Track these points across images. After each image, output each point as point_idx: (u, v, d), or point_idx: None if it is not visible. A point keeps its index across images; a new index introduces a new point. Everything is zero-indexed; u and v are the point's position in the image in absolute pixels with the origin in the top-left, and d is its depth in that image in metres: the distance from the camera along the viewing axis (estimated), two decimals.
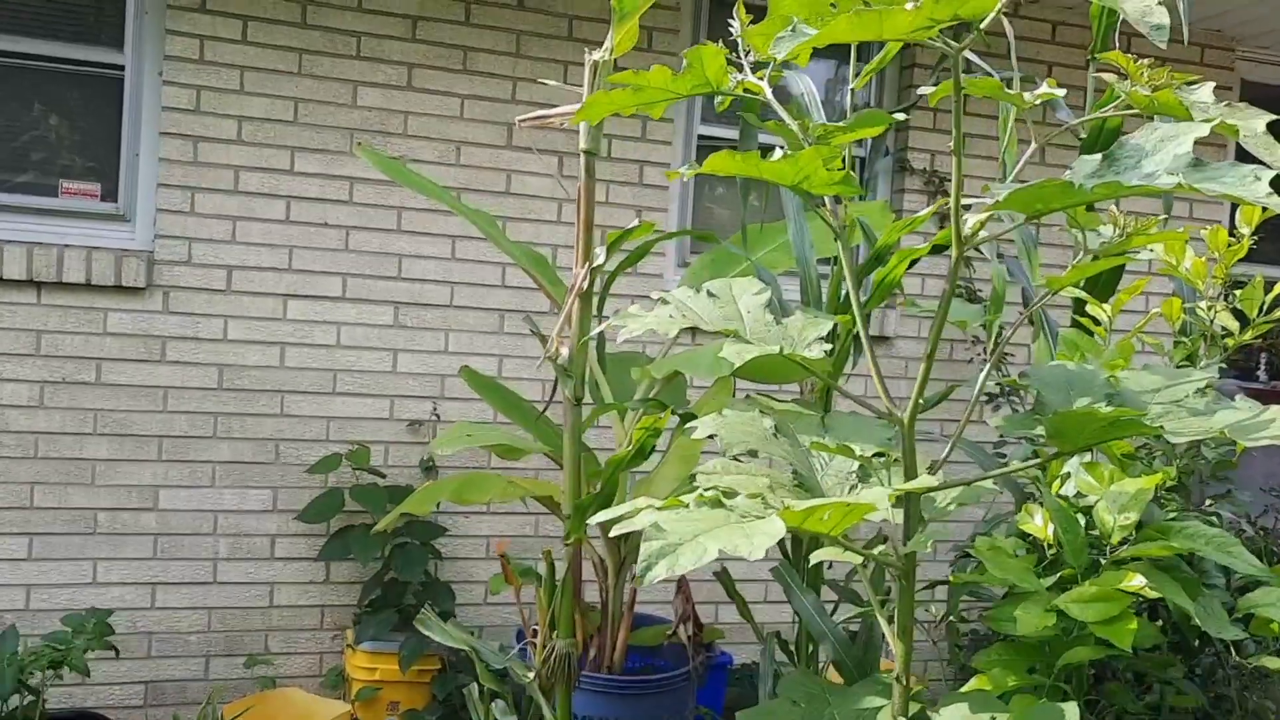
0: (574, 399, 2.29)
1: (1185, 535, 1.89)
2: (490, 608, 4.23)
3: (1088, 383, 1.83)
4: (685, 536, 1.36)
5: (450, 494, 2.93)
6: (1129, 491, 1.95)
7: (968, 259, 4.69)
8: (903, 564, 1.75)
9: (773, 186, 3.03)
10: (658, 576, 1.29)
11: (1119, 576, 1.78)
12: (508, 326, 4.23)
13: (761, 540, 1.31)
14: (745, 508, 1.53)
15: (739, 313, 1.92)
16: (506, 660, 2.35)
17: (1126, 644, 1.69)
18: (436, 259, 4.14)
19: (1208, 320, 2.29)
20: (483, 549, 4.23)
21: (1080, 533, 1.91)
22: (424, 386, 4.15)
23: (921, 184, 4.62)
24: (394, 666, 3.70)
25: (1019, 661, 1.98)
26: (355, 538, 3.78)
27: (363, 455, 3.90)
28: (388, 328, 4.11)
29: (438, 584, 3.92)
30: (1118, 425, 1.61)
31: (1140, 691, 2.35)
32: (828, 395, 2.77)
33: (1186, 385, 1.76)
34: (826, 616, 2.41)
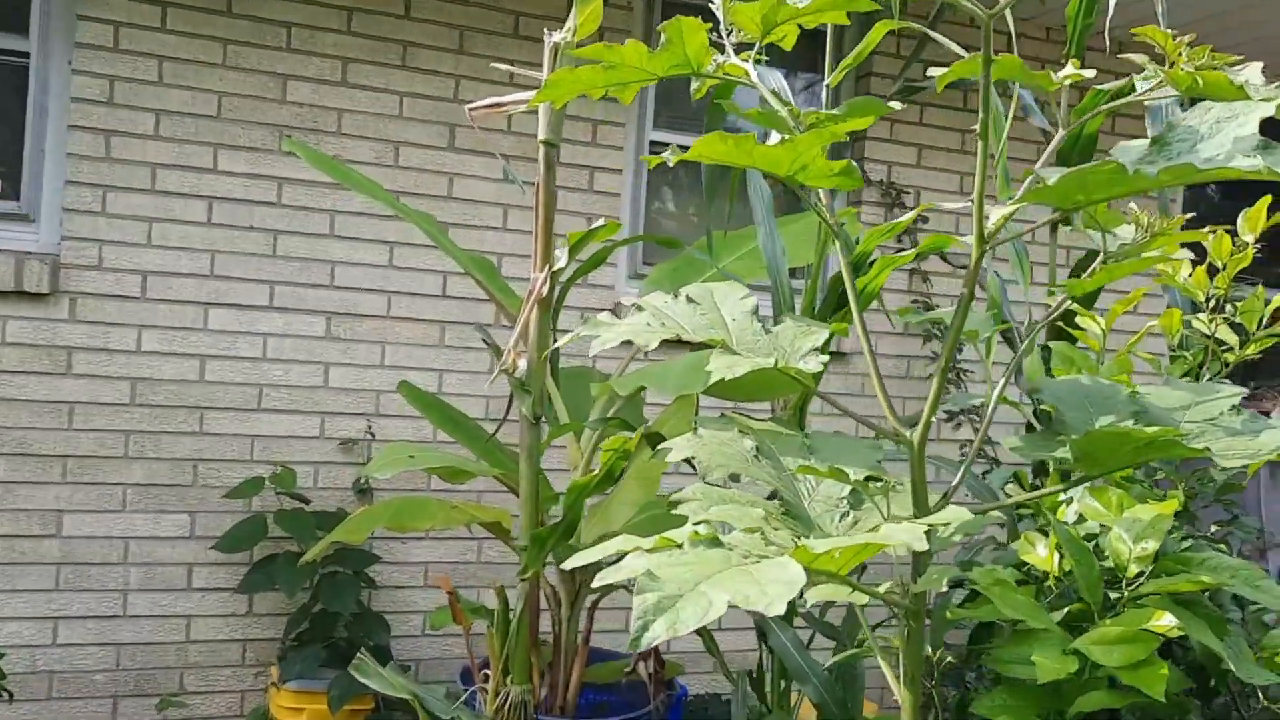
0: (532, 417, 2.06)
1: (1208, 568, 1.73)
2: (429, 639, 3.96)
3: (1108, 399, 1.66)
4: (684, 586, 1.14)
5: (387, 520, 2.67)
6: (1144, 519, 1.78)
7: (924, 273, 4.56)
8: (912, 603, 1.56)
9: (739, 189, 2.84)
10: (657, 638, 1.07)
11: (1144, 615, 1.61)
12: (449, 339, 3.98)
13: (778, 591, 1.09)
14: (746, 546, 1.32)
15: (723, 320, 1.72)
16: (454, 710, 2.10)
17: (1158, 691, 1.51)
18: (372, 266, 3.88)
19: (1208, 333, 2.14)
20: (420, 576, 3.96)
21: (1094, 565, 1.74)
22: (358, 403, 3.88)
23: (879, 195, 4.47)
24: (323, 706, 3.41)
25: (1026, 708, 1.80)
26: (280, 567, 3.48)
27: (288, 478, 3.61)
28: (319, 339, 3.83)
29: (371, 615, 3.64)
30: (1155, 447, 1.43)
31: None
32: (802, 413, 2.58)
33: (1219, 402, 1.60)
34: (806, 653, 2.20)
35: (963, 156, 4.64)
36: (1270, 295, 2.19)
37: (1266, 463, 1.54)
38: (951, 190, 4.64)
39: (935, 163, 4.61)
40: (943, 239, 2.32)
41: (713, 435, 1.94)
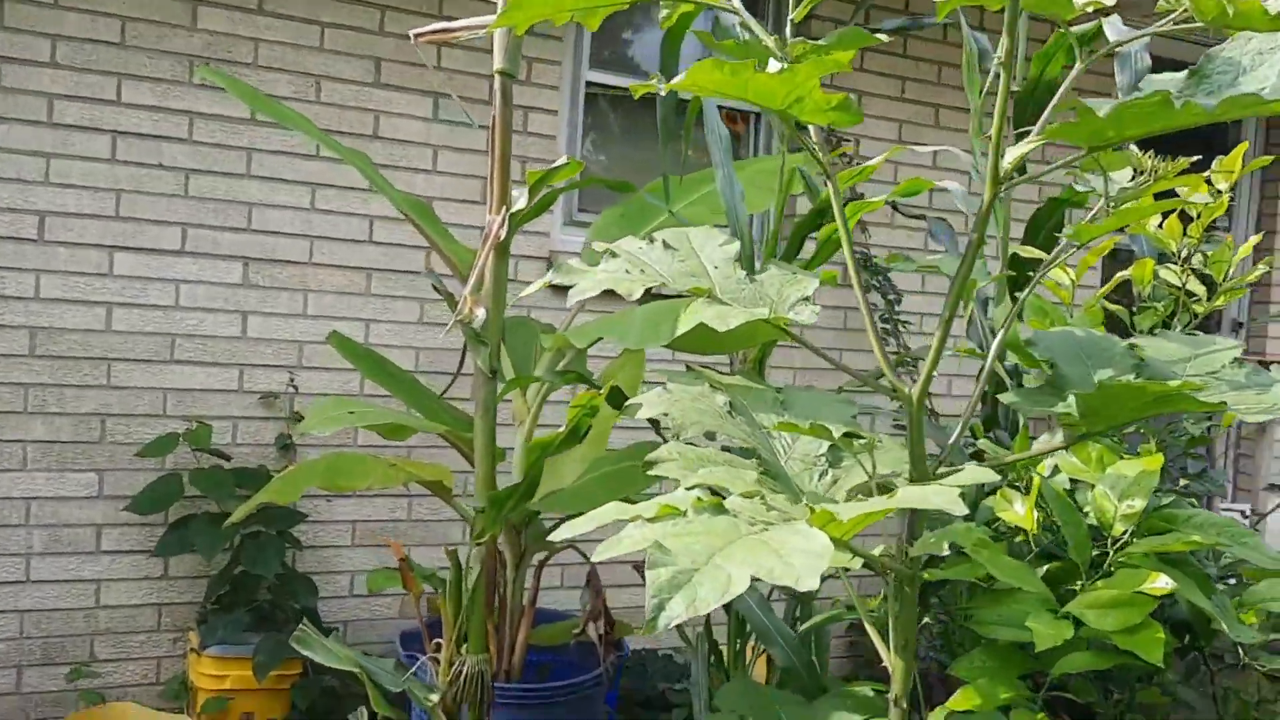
0: (488, 371, 1.92)
1: (1195, 525, 1.69)
2: (358, 600, 3.81)
3: (1104, 352, 1.59)
4: (697, 559, 1.03)
5: (320, 479, 2.51)
6: (1129, 475, 1.73)
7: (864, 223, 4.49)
8: (908, 567, 1.48)
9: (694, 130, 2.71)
10: (676, 617, 0.96)
11: (1138, 577, 1.56)
12: (376, 287, 3.78)
13: (806, 563, 0.99)
14: (749, 512, 1.21)
15: (703, 268, 1.60)
16: (404, 682, 1.97)
17: (1157, 656, 1.46)
18: (293, 209, 3.65)
19: (1178, 284, 2.10)
20: (347, 535, 3.79)
21: (1082, 524, 1.68)
22: (279, 354, 3.66)
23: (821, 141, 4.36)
24: (247, 673, 3.24)
25: (1006, 669, 1.74)
26: (198, 528, 3.28)
27: (204, 434, 3.40)
28: (236, 286, 3.59)
29: (296, 577, 3.46)
30: (1164, 401, 1.37)
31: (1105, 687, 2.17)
32: (761, 367, 2.48)
33: (1219, 354, 1.54)
34: (772, 614, 2.13)
35: (902, 104, 4.58)
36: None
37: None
38: (890, 138, 4.58)
39: (873, 109, 4.53)
40: (920, 182, 2.23)
41: (683, 391, 1.83)
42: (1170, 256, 2.12)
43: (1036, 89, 2.83)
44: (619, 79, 4.20)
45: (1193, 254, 2.11)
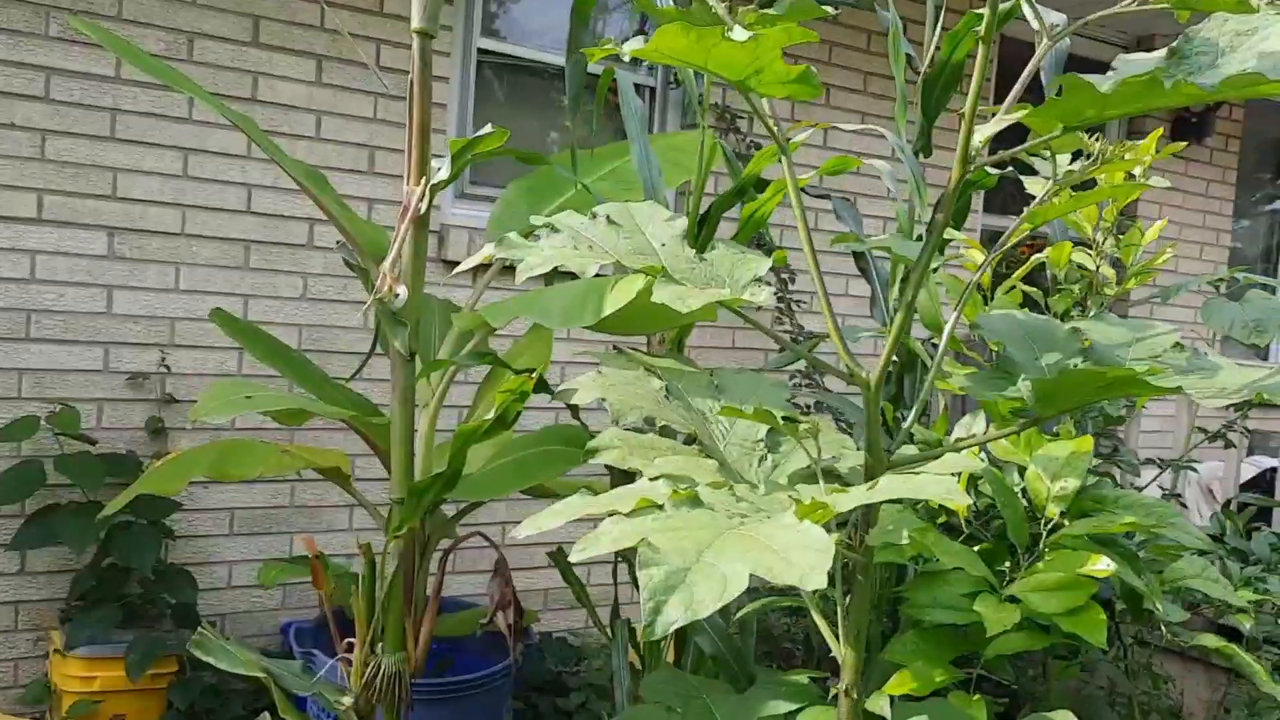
0: (407, 353, 1.79)
1: (1124, 506, 1.72)
2: (236, 592, 3.60)
3: (1048, 335, 1.59)
4: (688, 557, 0.96)
5: (208, 468, 2.33)
6: (1060, 456, 1.75)
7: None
8: (864, 555, 1.44)
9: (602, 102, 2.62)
10: (674, 622, 0.89)
11: (1077, 559, 1.57)
12: (255, 260, 3.56)
13: (808, 560, 0.93)
14: (724, 504, 1.15)
15: (651, 245, 1.52)
16: (314, 685, 1.84)
17: (1100, 638, 1.48)
18: (163, 176, 3.39)
19: (1092, 268, 2.14)
20: (225, 523, 3.58)
21: (1020, 506, 1.69)
22: (149, 331, 3.41)
23: (714, 119, 4.34)
24: (119, 673, 3.02)
25: (940, 653, 1.74)
26: (65, 520, 3.04)
27: (70, 418, 3.14)
28: (99, 258, 3.33)
29: (173, 570, 3.25)
30: (1117, 386, 1.37)
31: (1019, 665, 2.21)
32: (680, 348, 2.43)
33: (1160, 339, 1.56)
34: None
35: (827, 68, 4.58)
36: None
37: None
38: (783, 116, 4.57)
39: None
40: (847, 160, 2.20)
41: (618, 375, 1.75)
42: (1085, 240, 2.16)
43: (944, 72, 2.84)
44: (508, 46, 4.06)
45: (1106, 238, 2.15)
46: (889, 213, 4.83)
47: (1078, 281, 2.17)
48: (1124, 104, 1.10)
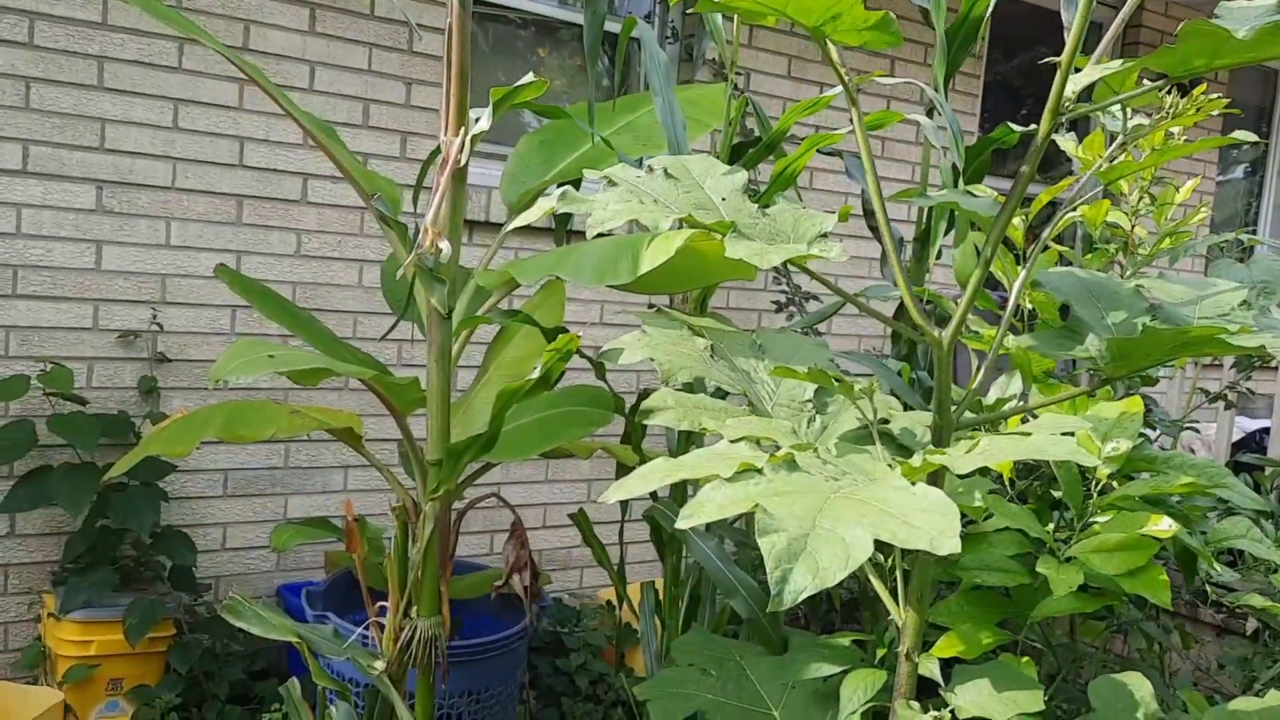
0: (444, 311, 1.73)
1: (1176, 466, 1.70)
2: (230, 554, 3.54)
3: (1113, 294, 1.56)
4: (804, 524, 0.92)
5: (218, 429, 2.25)
6: (1109, 417, 1.72)
7: None
8: None
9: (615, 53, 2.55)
10: (801, 590, 0.86)
11: (1140, 519, 1.55)
12: (247, 216, 3.46)
13: (935, 524, 0.90)
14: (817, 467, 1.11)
15: (711, 200, 1.47)
16: (347, 649, 1.79)
17: (1164, 598, 1.46)
18: (153, 127, 3.27)
19: (1128, 226, 2.11)
20: (219, 485, 3.50)
21: (1074, 468, 1.67)
22: (139, 288, 3.31)
23: (711, 75, 4.26)
24: (117, 637, 2.96)
25: (987, 615, 1.73)
26: (59, 481, 2.95)
27: (64, 377, 3.04)
28: (88, 212, 3.21)
29: (170, 532, 3.18)
30: (1197, 344, 1.34)
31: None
32: (703, 309, 2.38)
33: (1226, 296, 1.54)
34: (731, 564, 2.05)
35: (790, 39, 4.51)
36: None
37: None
38: (779, 73, 4.52)
39: (765, 44, 4.45)
40: (889, 115, 2.15)
41: (662, 334, 1.71)
42: (1121, 199, 2.13)
43: (964, 25, 2.79)
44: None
45: (1141, 197, 2.12)
46: (886, 174, 4.80)
47: (1110, 242, 2.14)
48: (1245, 52, 1.06)
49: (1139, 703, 1.33)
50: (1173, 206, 2.12)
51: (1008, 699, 1.43)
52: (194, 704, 3.11)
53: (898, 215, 4.56)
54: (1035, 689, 1.44)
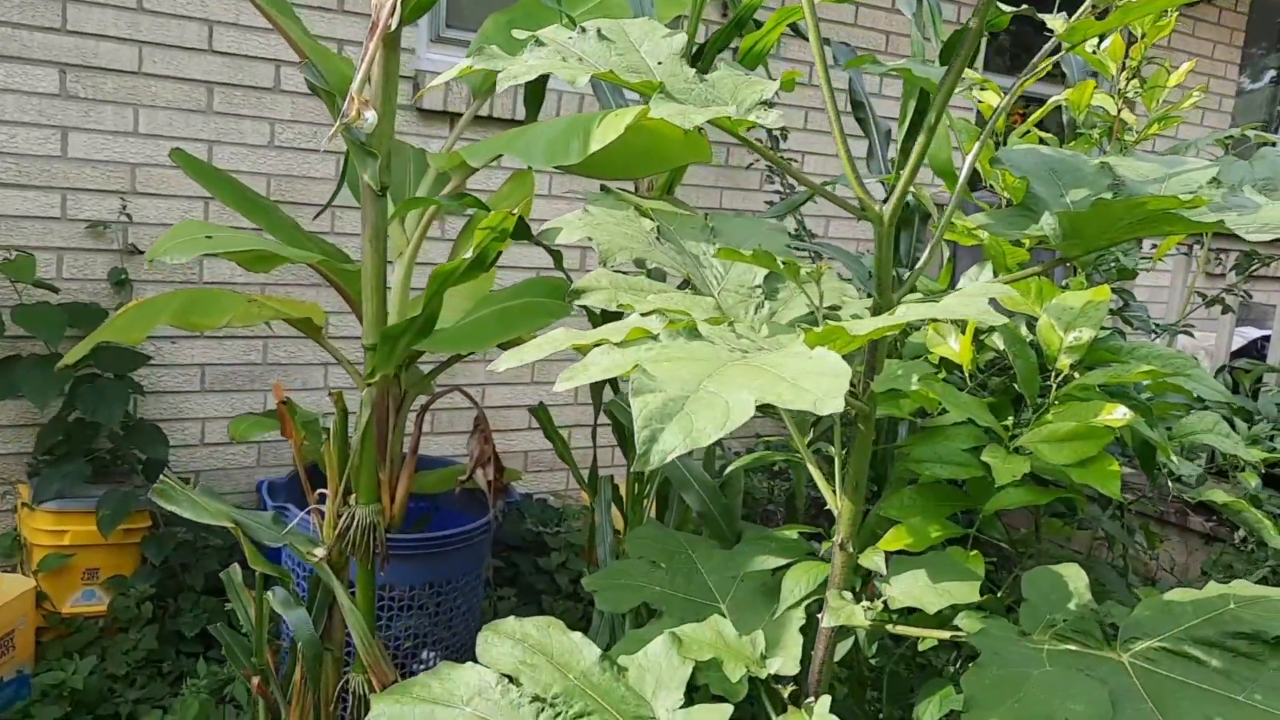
0: (377, 187, 1.65)
1: (1140, 357, 1.63)
2: (209, 449, 3.52)
3: (1076, 171, 1.47)
4: (688, 386, 0.86)
5: (172, 316, 2.20)
6: (1074, 306, 1.64)
7: None
8: (866, 404, 1.35)
9: None
10: (671, 450, 0.79)
11: (1093, 409, 1.48)
12: (218, 104, 3.36)
13: (823, 385, 0.83)
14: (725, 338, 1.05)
15: (645, 63, 1.37)
16: (286, 535, 1.76)
17: (1114, 488, 1.40)
18: (116, 8, 3.16)
19: (1114, 111, 2.00)
20: (196, 380, 3.47)
21: (1032, 356, 1.60)
22: (108, 177, 3.23)
23: None
24: (90, 527, 2.96)
25: (939, 508, 1.67)
26: (25, 372, 2.92)
27: (27, 265, 2.99)
28: (51, 97, 3.12)
29: (143, 426, 3.16)
30: (1154, 220, 1.26)
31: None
32: (671, 189, 2.29)
33: (1196, 174, 1.44)
34: (688, 458, 2.00)
35: None
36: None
37: None
38: None
39: None
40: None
41: (606, 214, 1.63)
42: (1106, 80, 2.01)
43: None
44: None
45: (1130, 80, 2.00)
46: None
47: (1095, 126, 2.03)
48: None
49: (1073, 593, 1.28)
50: (1165, 90, 2.00)
51: (942, 590, 1.39)
52: (170, 594, 3.12)
53: (890, 112, 4.40)
54: (973, 580, 1.40)
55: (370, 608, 1.77)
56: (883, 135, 2.92)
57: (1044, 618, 1.25)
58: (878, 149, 2.93)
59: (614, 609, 1.82)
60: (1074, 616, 1.23)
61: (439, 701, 1.34)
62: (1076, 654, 1.18)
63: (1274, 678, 1.09)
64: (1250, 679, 1.10)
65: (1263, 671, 1.10)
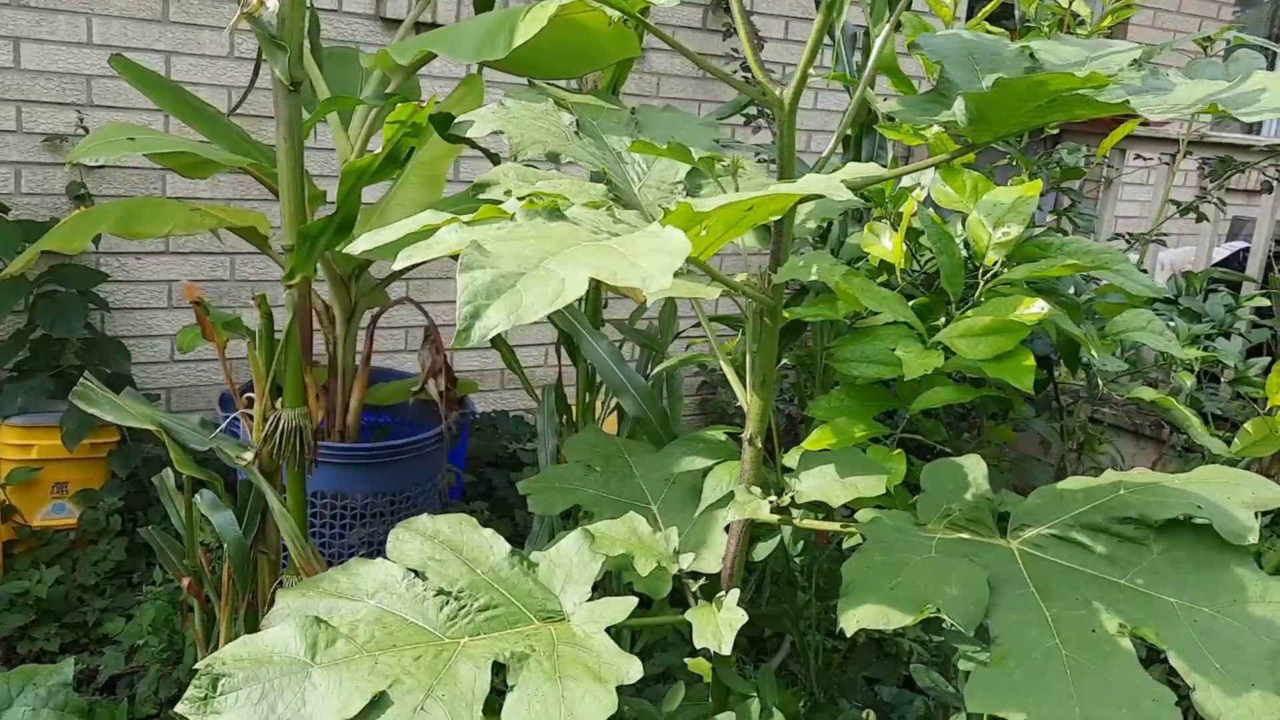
0: (288, 82, 1.62)
1: (1069, 252, 1.59)
2: (180, 365, 3.52)
3: (995, 55, 1.43)
4: (525, 262, 0.83)
5: (112, 224, 2.18)
6: (1005, 202, 1.61)
7: None
8: (771, 297, 1.33)
9: None
10: (494, 326, 0.78)
11: (1011, 303, 1.45)
12: (174, 13, 3.29)
13: (657, 262, 0.81)
14: (593, 221, 1.02)
15: None
16: (212, 440, 1.76)
17: (1027, 383, 1.38)
18: None
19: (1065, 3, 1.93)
20: (163, 296, 3.46)
21: (956, 251, 1.57)
22: (63, 89, 3.18)
23: None
24: (56, 441, 2.98)
25: (864, 408, 1.66)
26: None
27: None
28: (2, 7, 3.06)
29: (106, 341, 3.16)
30: (1059, 104, 1.22)
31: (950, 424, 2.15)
32: (616, 90, 2.24)
33: (1116, 56, 1.40)
34: (623, 364, 1.99)
35: None
36: None
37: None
38: None
39: None
40: None
41: (524, 108, 1.59)
42: None
43: None
44: None
45: None
46: None
47: (1048, 20, 1.97)
48: None
49: (970, 484, 1.27)
50: None
51: (849, 484, 1.38)
52: (140, 507, 3.16)
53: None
54: (880, 474, 1.39)
55: (301, 511, 1.78)
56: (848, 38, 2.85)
57: (940, 508, 1.24)
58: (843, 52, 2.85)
59: (546, 511, 1.82)
60: (969, 506, 1.22)
61: (344, 595, 1.34)
62: (966, 542, 1.17)
63: (1156, 561, 1.08)
64: (1133, 563, 1.09)
65: (1146, 556, 1.09)
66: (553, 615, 1.37)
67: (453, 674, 1.21)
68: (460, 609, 1.34)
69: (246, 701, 1.17)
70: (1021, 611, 1.05)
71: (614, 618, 1.33)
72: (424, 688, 1.19)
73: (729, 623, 1.35)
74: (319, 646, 1.23)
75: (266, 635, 1.25)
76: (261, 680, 1.19)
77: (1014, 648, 1.00)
